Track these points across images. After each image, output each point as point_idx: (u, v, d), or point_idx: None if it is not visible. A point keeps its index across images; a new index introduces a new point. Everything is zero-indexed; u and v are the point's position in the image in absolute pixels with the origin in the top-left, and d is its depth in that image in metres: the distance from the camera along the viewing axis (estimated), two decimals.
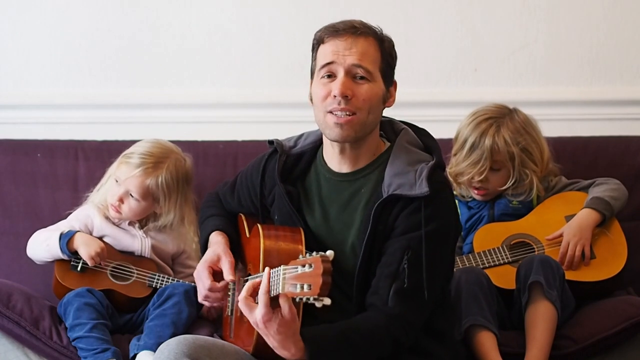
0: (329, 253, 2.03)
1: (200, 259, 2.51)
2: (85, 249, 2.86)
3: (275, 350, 2.16)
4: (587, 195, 2.97)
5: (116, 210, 2.94)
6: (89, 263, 2.86)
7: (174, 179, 2.96)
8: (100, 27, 3.49)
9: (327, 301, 1.99)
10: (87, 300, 2.77)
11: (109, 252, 2.92)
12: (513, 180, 2.97)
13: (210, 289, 2.44)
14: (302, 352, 2.14)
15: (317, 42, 2.38)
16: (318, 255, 2.02)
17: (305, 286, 2.01)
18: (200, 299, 2.49)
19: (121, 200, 2.93)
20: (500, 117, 2.99)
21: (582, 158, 3.21)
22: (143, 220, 3.01)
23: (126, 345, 2.75)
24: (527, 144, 2.97)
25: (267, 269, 2.12)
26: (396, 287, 2.27)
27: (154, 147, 2.98)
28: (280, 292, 2.08)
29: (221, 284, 2.44)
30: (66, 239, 2.87)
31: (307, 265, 2.03)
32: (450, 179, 2.99)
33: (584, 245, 2.86)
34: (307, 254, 2.06)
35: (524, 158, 2.97)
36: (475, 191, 3.01)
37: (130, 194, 2.94)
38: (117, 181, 2.95)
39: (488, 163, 2.94)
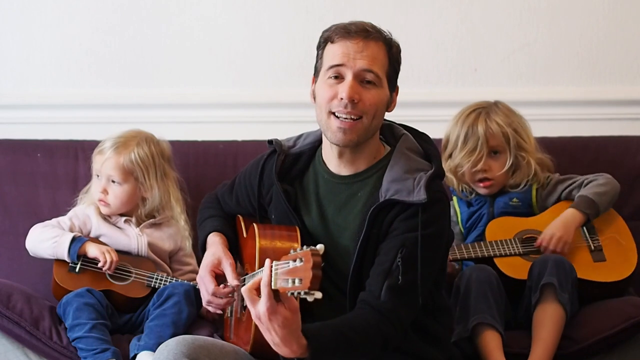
0: (319, 247, 2.01)
1: (196, 251, 2.48)
2: (97, 248, 2.87)
3: (275, 348, 2.12)
4: None
5: (104, 203, 2.97)
6: (101, 258, 2.85)
7: (148, 153, 2.99)
8: (100, 27, 3.49)
9: (318, 295, 1.98)
10: (86, 300, 2.77)
11: None
12: (510, 162, 2.98)
13: (214, 294, 2.43)
14: (304, 349, 2.12)
15: (325, 41, 2.37)
16: (308, 249, 2.01)
17: (297, 280, 1.99)
18: (204, 303, 2.48)
19: (105, 191, 2.95)
20: (485, 107, 3.04)
21: (582, 158, 3.21)
22: (138, 211, 3.01)
23: (126, 345, 2.75)
24: (516, 126, 3.01)
25: (267, 261, 2.09)
26: (389, 283, 2.26)
27: (123, 132, 3.04)
28: (273, 287, 2.07)
29: (225, 289, 2.43)
30: (78, 245, 2.87)
31: (297, 260, 2.02)
32: (451, 176, 3.01)
33: (564, 242, 2.88)
34: (298, 249, 2.05)
35: (518, 139, 3.00)
36: (480, 184, 3.01)
37: (112, 180, 2.96)
38: (98, 176, 2.99)
39: (485, 149, 2.97)
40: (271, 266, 2.08)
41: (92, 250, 2.87)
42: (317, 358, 2.13)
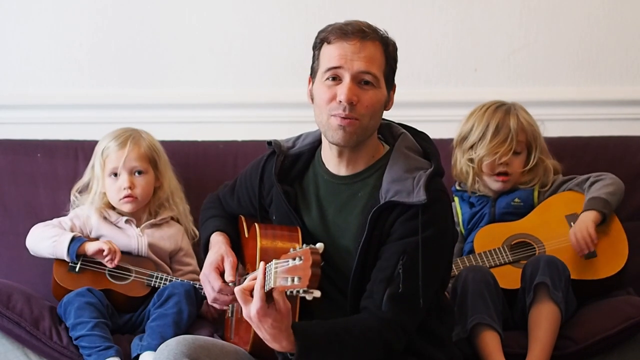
0: (319, 245, 2.01)
1: (198, 244, 2.49)
2: (96, 244, 2.87)
3: (266, 342, 2.16)
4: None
5: (131, 198, 2.96)
6: (103, 247, 2.85)
7: (154, 141, 3.06)
8: (100, 27, 3.49)
9: (317, 293, 1.98)
10: (88, 299, 2.77)
11: None
12: (534, 162, 3.00)
13: (220, 291, 2.43)
14: (292, 345, 2.15)
15: (322, 42, 2.36)
16: (307, 247, 2.01)
17: (296, 279, 2.00)
18: (210, 301, 2.48)
19: (132, 185, 2.95)
20: (509, 104, 3.06)
21: (582, 158, 3.21)
22: (151, 205, 3.02)
23: (127, 345, 2.74)
24: (537, 128, 3.05)
25: (262, 263, 2.12)
26: (390, 292, 2.26)
27: (117, 131, 3.05)
28: (272, 285, 2.08)
29: (232, 287, 2.43)
30: (77, 244, 2.87)
31: (297, 258, 2.02)
32: (468, 168, 3.01)
33: (588, 228, 2.85)
34: (298, 247, 2.06)
35: (541, 140, 3.04)
36: (499, 178, 3.01)
37: (136, 172, 2.97)
38: (116, 174, 2.98)
39: (514, 143, 2.98)
40: (265, 268, 2.11)
41: (91, 246, 2.87)
42: (305, 355, 2.15)
